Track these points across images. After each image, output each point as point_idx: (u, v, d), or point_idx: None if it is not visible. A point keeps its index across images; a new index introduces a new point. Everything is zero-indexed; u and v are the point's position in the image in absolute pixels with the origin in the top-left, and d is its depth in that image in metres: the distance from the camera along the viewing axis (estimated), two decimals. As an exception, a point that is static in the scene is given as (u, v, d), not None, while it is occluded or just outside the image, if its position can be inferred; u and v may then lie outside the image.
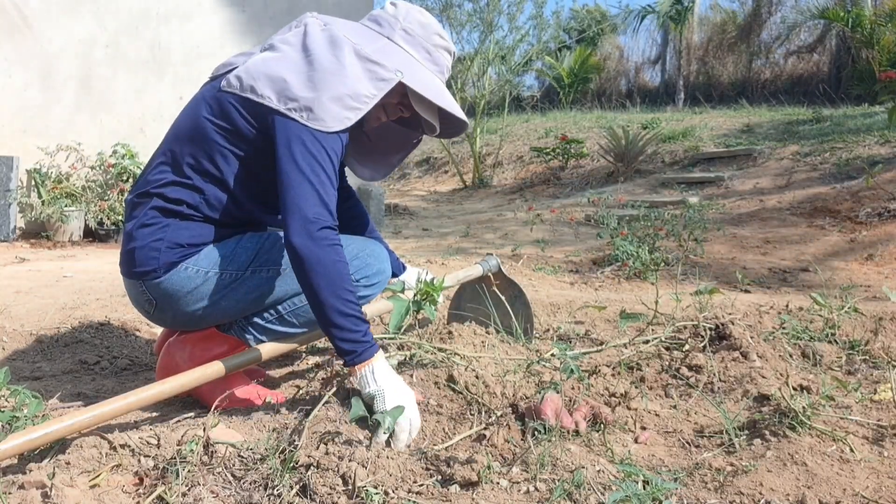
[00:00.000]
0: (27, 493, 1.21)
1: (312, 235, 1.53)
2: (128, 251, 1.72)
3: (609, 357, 2.07)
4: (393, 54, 1.71)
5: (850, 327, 2.43)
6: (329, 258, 1.53)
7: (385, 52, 1.70)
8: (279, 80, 1.62)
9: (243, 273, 1.73)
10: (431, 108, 1.79)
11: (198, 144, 1.69)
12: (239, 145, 1.68)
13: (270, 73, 1.64)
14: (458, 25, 9.74)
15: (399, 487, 1.31)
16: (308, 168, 1.56)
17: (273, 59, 1.68)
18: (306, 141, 1.58)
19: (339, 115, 1.60)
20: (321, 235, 1.54)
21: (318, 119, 1.59)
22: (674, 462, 1.51)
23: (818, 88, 11.69)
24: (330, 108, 1.60)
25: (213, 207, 1.71)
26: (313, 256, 1.52)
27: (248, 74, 1.66)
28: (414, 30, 1.77)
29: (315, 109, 1.59)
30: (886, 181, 5.55)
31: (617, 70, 16.28)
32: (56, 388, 2.01)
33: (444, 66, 1.82)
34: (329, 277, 1.52)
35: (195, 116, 1.71)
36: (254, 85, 1.64)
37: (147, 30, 6.05)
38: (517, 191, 9.11)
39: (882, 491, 1.36)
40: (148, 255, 1.68)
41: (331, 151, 1.61)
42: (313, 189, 1.56)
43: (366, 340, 1.54)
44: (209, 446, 1.37)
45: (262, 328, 1.80)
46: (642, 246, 4.05)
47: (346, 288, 1.54)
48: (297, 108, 1.59)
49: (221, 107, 1.67)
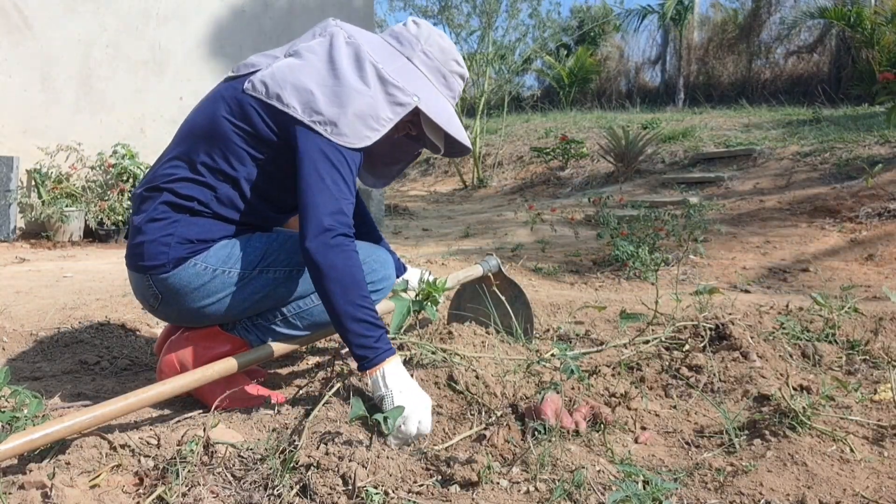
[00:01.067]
0: (27, 493, 1.21)
1: (328, 242, 1.56)
2: (136, 244, 1.73)
3: (609, 357, 2.07)
4: (411, 76, 1.77)
5: (850, 327, 2.43)
6: (344, 264, 1.56)
7: (404, 73, 1.76)
8: (305, 92, 1.66)
9: (251, 272, 1.74)
10: (439, 132, 1.87)
11: (214, 143, 1.71)
12: (257, 148, 1.71)
13: (297, 84, 1.68)
14: (456, 27, 9.75)
15: (399, 487, 1.31)
16: (329, 178, 1.61)
17: (299, 68, 1.71)
18: (328, 153, 1.63)
19: (360, 133, 1.66)
20: (336, 242, 1.57)
21: (341, 134, 1.64)
22: (674, 462, 1.51)
23: (818, 88, 11.68)
24: (353, 126, 1.65)
25: (223, 205, 1.73)
26: (328, 262, 1.55)
27: (275, 81, 1.69)
28: (433, 53, 1.83)
29: (339, 125, 1.64)
30: (886, 181, 5.55)
31: (617, 70, 16.27)
32: (56, 389, 2.01)
33: (457, 92, 1.90)
34: (343, 283, 1.55)
35: (213, 115, 1.73)
36: (280, 94, 1.67)
37: (147, 30, 6.05)
38: (517, 191, 9.11)
39: (882, 491, 1.36)
40: (157, 250, 1.69)
41: (351, 164, 1.66)
42: (332, 197, 1.60)
43: (377, 346, 1.56)
44: (209, 446, 1.37)
45: (265, 329, 1.81)
46: (642, 246, 4.05)
47: (360, 294, 1.57)
48: (322, 122, 1.64)
49: (242, 108, 1.70)
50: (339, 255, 1.56)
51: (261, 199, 1.77)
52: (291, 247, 1.78)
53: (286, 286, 1.78)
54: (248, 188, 1.73)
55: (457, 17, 9.70)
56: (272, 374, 2.16)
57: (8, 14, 5.40)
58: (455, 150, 1.97)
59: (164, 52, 6.14)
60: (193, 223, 1.71)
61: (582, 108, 14.41)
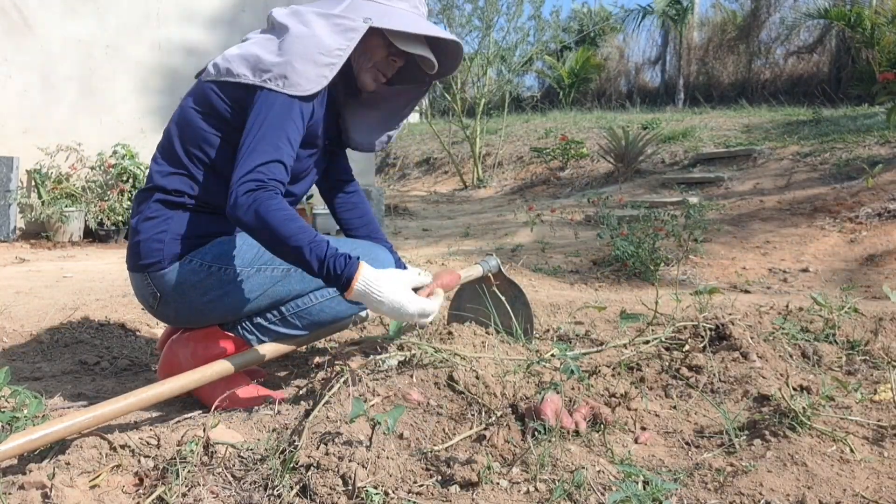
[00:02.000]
0: (27, 493, 1.21)
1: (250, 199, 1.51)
2: (133, 244, 1.75)
3: (609, 357, 2.07)
4: (360, 7, 1.72)
5: (850, 327, 2.43)
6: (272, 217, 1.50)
7: (352, 7, 1.72)
8: (251, 57, 1.68)
9: (247, 270, 1.74)
10: (419, 41, 1.78)
11: (186, 133, 1.75)
12: (220, 127, 1.72)
13: (243, 54, 1.70)
14: (458, 27, 9.75)
15: (399, 488, 1.31)
16: (268, 129, 1.58)
17: (244, 44, 1.76)
18: (274, 105, 1.60)
19: (313, 75, 1.63)
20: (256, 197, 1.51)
21: (294, 84, 1.62)
22: (674, 462, 1.51)
23: (818, 89, 11.69)
24: (303, 70, 1.62)
25: (211, 194, 1.74)
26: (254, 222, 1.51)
27: (224, 59, 1.73)
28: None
29: (289, 75, 1.62)
30: (886, 181, 5.55)
31: (617, 70, 16.27)
32: (56, 389, 2.01)
33: (421, 10, 1.81)
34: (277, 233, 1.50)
35: (183, 108, 1.78)
36: (229, 67, 1.69)
37: (147, 30, 6.05)
38: (517, 191, 9.11)
39: (882, 491, 1.36)
40: (152, 248, 1.70)
41: (296, 116, 1.62)
42: (264, 151, 1.56)
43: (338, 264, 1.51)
44: (209, 447, 1.37)
45: (264, 329, 1.81)
46: (642, 246, 4.05)
47: (293, 233, 1.50)
48: (272, 77, 1.63)
49: (203, 94, 1.73)
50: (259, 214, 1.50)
51: None
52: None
53: (283, 284, 1.77)
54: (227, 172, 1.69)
55: (458, 17, 9.71)
56: (272, 374, 2.16)
57: (8, 14, 5.40)
58: (448, 57, 1.88)
59: (164, 53, 6.14)
60: (187, 219, 1.73)
61: (582, 109, 14.40)
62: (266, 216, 1.50)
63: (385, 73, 1.86)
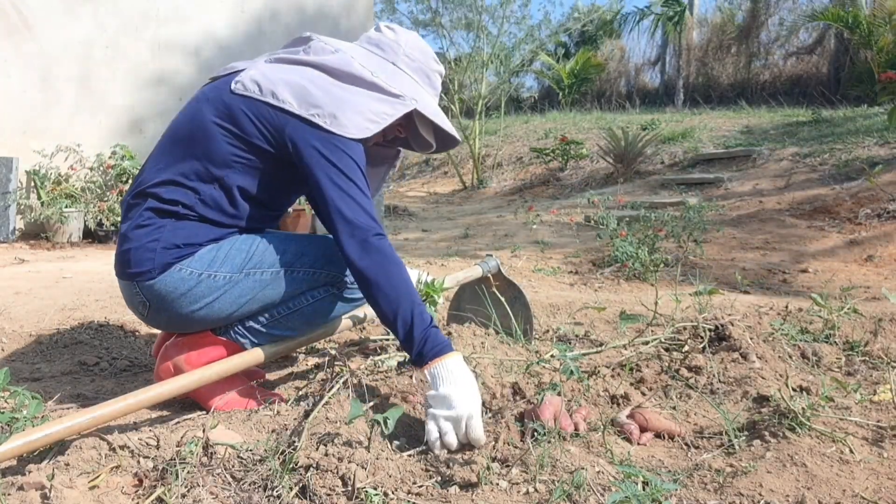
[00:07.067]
0: (26, 494, 1.21)
1: (366, 248, 1.58)
2: (122, 252, 1.71)
3: (609, 358, 2.07)
4: (401, 80, 1.79)
5: (850, 328, 2.43)
6: (388, 271, 1.58)
7: (395, 77, 1.78)
8: (300, 87, 1.66)
9: (237, 275, 1.72)
10: (430, 129, 1.91)
11: (197, 145, 1.69)
12: (245, 150, 1.69)
13: (290, 81, 1.68)
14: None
15: (398, 488, 1.31)
16: (344, 180, 1.62)
17: (289, 70, 1.72)
18: (333, 157, 1.63)
19: (360, 125, 1.66)
20: (374, 245, 1.59)
21: (341, 125, 1.63)
22: (673, 463, 1.51)
23: (817, 89, 11.69)
24: (353, 118, 1.65)
25: (209, 207, 1.71)
26: (372, 268, 1.58)
27: (267, 79, 1.69)
28: (415, 55, 1.85)
29: (339, 117, 1.64)
30: (886, 182, 5.55)
31: (617, 71, 16.27)
32: (55, 390, 2.01)
33: (438, 89, 1.94)
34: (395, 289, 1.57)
35: (198, 118, 1.71)
36: (274, 90, 1.66)
37: (147, 30, 6.05)
38: (517, 192, 9.10)
39: (882, 492, 1.36)
40: (143, 256, 1.67)
41: (357, 158, 1.66)
42: (354, 202, 1.61)
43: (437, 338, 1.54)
44: (208, 447, 1.37)
45: (256, 332, 1.80)
46: (642, 247, 4.04)
47: (410, 289, 1.58)
48: (321, 114, 1.63)
49: (230, 110, 1.68)
50: (380, 261, 1.58)
51: (247, 201, 1.74)
52: (277, 247, 1.76)
53: (274, 288, 1.76)
54: (235, 190, 1.71)
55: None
56: (271, 375, 2.16)
57: (8, 14, 5.39)
58: (447, 143, 2.01)
59: (163, 53, 6.14)
60: (179, 227, 1.69)
61: (582, 109, 14.40)
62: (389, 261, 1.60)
63: (387, 136, 1.93)
